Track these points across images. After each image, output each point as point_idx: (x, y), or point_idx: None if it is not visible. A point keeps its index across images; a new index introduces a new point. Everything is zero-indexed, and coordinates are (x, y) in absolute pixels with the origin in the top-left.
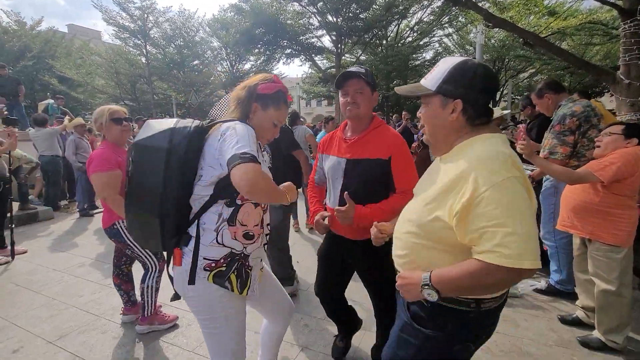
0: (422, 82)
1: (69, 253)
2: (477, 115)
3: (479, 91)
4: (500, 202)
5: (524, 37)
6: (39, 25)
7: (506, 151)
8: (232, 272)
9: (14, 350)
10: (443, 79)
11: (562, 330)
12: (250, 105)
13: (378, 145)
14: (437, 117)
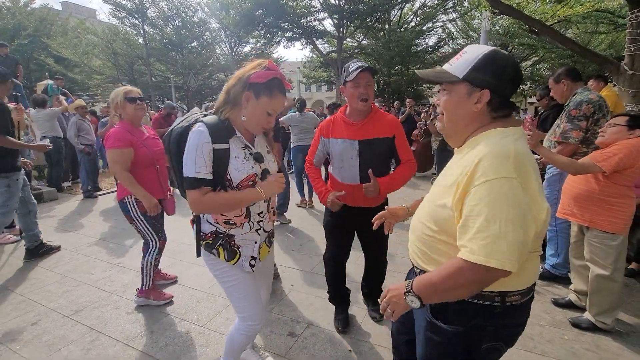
0: (446, 67)
1: (76, 233)
2: (500, 107)
3: (507, 82)
4: (484, 198)
5: (530, 25)
6: (33, 3)
7: (511, 149)
8: (219, 245)
9: (32, 323)
10: (473, 66)
11: (555, 312)
12: (241, 95)
13: (383, 126)
14: (460, 105)
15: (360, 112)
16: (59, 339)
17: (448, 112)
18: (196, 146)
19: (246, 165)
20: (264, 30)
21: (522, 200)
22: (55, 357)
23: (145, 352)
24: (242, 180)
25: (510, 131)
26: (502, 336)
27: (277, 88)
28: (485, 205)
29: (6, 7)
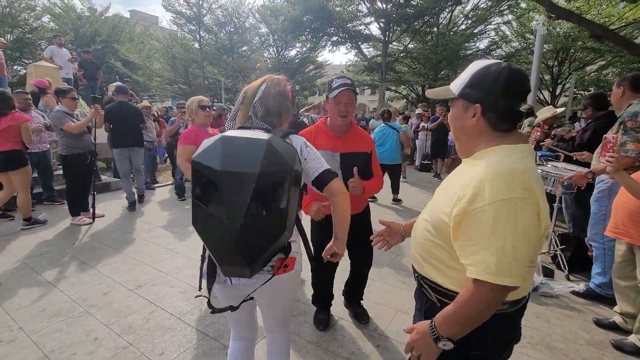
0: (450, 85)
1: (138, 220)
2: (499, 120)
3: (498, 96)
4: (492, 219)
5: (590, 30)
6: (107, 12)
7: (518, 168)
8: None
9: (104, 292)
10: (466, 83)
11: (596, 332)
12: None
13: (363, 141)
14: (459, 120)
15: (340, 127)
16: (125, 308)
17: (452, 125)
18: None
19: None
20: (310, 35)
21: (529, 219)
22: (122, 322)
23: (195, 327)
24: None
25: (517, 149)
26: (491, 344)
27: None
28: (494, 225)
29: (85, 16)
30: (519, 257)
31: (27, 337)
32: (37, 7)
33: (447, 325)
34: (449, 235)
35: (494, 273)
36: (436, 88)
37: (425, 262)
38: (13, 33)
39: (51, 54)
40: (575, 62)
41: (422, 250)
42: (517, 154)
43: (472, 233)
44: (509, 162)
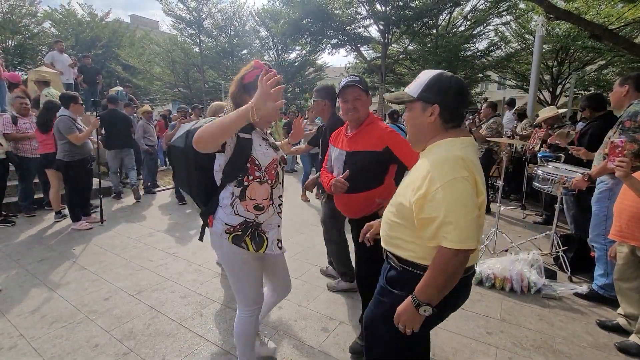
0: (406, 90)
1: (139, 224)
2: (450, 118)
3: (452, 98)
4: (446, 198)
5: (590, 30)
6: (107, 17)
7: (459, 154)
8: (247, 235)
9: (105, 298)
10: (423, 87)
11: (600, 334)
12: (241, 98)
13: (370, 140)
14: (417, 119)
15: (353, 124)
16: (125, 314)
17: (410, 124)
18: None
19: (269, 151)
20: (310, 37)
21: (472, 193)
22: (123, 328)
23: (196, 332)
24: (269, 164)
25: (458, 141)
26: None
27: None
28: (450, 203)
29: (86, 21)
30: (471, 225)
31: (28, 344)
32: (38, 13)
33: (425, 292)
34: (408, 217)
35: (457, 241)
36: (394, 92)
37: (391, 241)
38: (14, 39)
39: (52, 60)
40: (575, 62)
41: (388, 231)
42: (457, 145)
43: (432, 212)
44: (451, 151)
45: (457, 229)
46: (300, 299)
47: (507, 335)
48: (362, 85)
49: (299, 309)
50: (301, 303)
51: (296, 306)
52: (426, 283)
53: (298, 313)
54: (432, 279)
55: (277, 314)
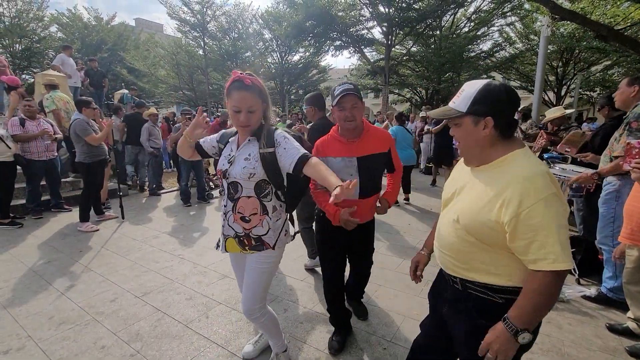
0: (451, 105)
1: (144, 226)
2: (506, 128)
3: (505, 107)
4: (545, 215)
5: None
6: (113, 20)
7: (544, 168)
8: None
9: (111, 300)
10: (472, 101)
11: (609, 337)
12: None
13: (379, 142)
14: (471, 134)
15: (350, 131)
16: (132, 315)
17: (462, 141)
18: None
19: (222, 161)
20: (313, 39)
21: (565, 208)
22: (129, 330)
23: (202, 334)
24: (217, 172)
25: (528, 151)
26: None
27: (234, 88)
28: (548, 220)
29: (92, 25)
30: (568, 243)
31: (36, 345)
32: (45, 17)
33: (523, 317)
34: (496, 239)
35: (561, 261)
36: (437, 109)
37: (469, 267)
38: (21, 42)
39: (61, 62)
40: (580, 62)
41: (461, 256)
42: (532, 157)
43: (529, 230)
44: (534, 164)
45: (559, 249)
46: (305, 301)
47: None
48: (357, 92)
49: (304, 311)
50: (306, 305)
51: (301, 308)
52: (525, 308)
53: (303, 315)
54: (532, 302)
55: (283, 316)
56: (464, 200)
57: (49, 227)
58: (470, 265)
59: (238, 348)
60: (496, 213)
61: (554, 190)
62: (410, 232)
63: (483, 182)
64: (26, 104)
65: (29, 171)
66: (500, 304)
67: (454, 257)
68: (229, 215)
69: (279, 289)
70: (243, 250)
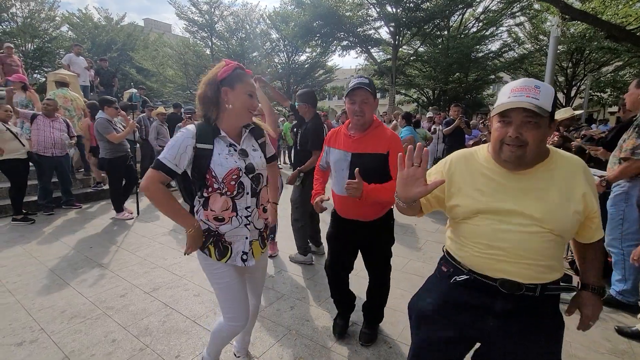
0: (534, 102)
1: (152, 223)
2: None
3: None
4: (596, 196)
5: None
6: (122, 21)
7: (581, 160)
8: (210, 243)
9: (121, 295)
10: (552, 102)
11: (618, 340)
12: (219, 94)
13: (377, 142)
14: (545, 136)
15: (357, 126)
16: (141, 310)
17: (537, 141)
18: (177, 140)
19: (229, 160)
20: (321, 40)
21: None
22: (139, 324)
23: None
24: (226, 175)
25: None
26: None
27: (243, 74)
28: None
29: (102, 25)
30: None
31: (49, 338)
32: (56, 17)
33: (599, 277)
34: (575, 229)
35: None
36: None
37: (551, 268)
38: (33, 42)
39: (69, 61)
40: (590, 63)
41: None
42: (565, 152)
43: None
44: (574, 158)
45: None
46: (311, 299)
47: None
48: (371, 88)
49: (310, 309)
50: (313, 303)
51: (308, 306)
52: (598, 270)
53: (310, 313)
54: (599, 264)
55: (289, 314)
56: (534, 203)
57: (60, 223)
58: (552, 266)
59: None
60: (576, 204)
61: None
62: (416, 232)
63: (549, 181)
64: (46, 102)
65: (39, 168)
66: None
67: (536, 264)
68: (254, 213)
69: (285, 287)
70: (263, 248)
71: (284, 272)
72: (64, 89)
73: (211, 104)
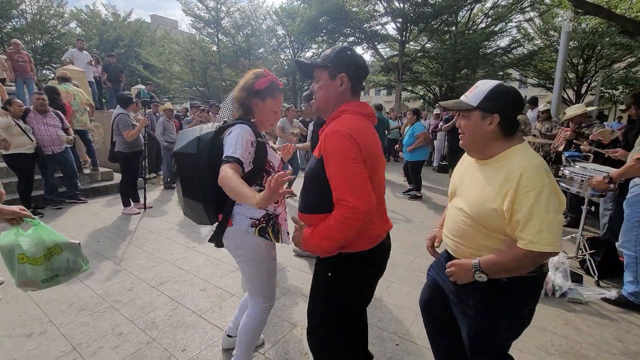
0: (463, 99)
1: (159, 218)
2: (509, 126)
3: (511, 108)
4: (539, 202)
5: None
6: (129, 17)
7: (541, 162)
8: (269, 227)
9: (128, 289)
10: (484, 97)
11: (630, 341)
12: (250, 102)
13: (321, 141)
14: (476, 127)
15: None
16: (148, 304)
17: (468, 132)
18: (237, 137)
19: (276, 154)
20: (327, 35)
21: (556, 199)
22: (146, 318)
23: (216, 324)
24: (278, 165)
25: (527, 146)
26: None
27: (277, 89)
28: (536, 208)
29: (109, 22)
30: (559, 230)
31: (57, 330)
32: (65, 14)
33: (490, 268)
34: (497, 225)
35: (546, 244)
36: (451, 100)
37: (476, 251)
38: (42, 39)
39: (71, 56)
40: (602, 59)
41: (469, 242)
42: (530, 151)
43: (524, 217)
44: (532, 157)
45: (548, 234)
46: None
47: (530, 339)
48: (325, 61)
49: None
50: None
51: None
52: (498, 265)
53: None
54: (506, 265)
55: (295, 309)
56: (469, 192)
57: (68, 217)
58: (477, 249)
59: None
60: (499, 203)
61: (546, 183)
62: (423, 230)
63: (486, 176)
64: (39, 97)
65: (42, 164)
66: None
67: (463, 244)
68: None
69: (290, 282)
70: None
71: (289, 267)
72: (66, 84)
73: (246, 107)
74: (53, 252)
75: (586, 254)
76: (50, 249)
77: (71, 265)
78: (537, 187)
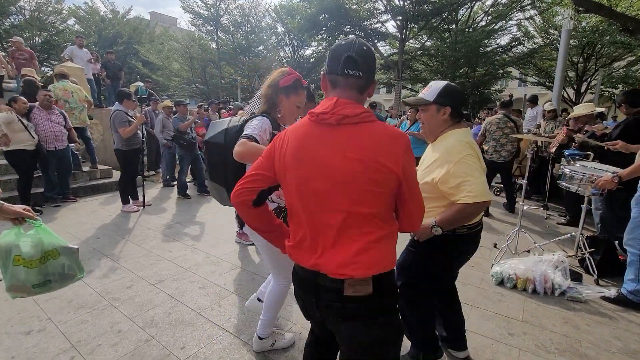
0: (421, 95)
1: (158, 216)
2: (456, 116)
3: (458, 101)
4: (464, 167)
5: (622, 23)
6: (128, 14)
7: (466, 139)
8: (281, 218)
9: (127, 286)
10: (438, 94)
11: (630, 340)
12: (276, 98)
13: None
14: (433, 117)
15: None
16: (147, 302)
17: (426, 122)
18: (259, 124)
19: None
20: (326, 33)
21: (478, 163)
22: (144, 316)
23: (214, 322)
24: None
25: (462, 131)
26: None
27: (300, 87)
28: (467, 171)
29: (108, 19)
30: (485, 186)
31: (56, 328)
32: (63, 11)
33: (443, 222)
34: (435, 193)
35: (480, 196)
36: (412, 97)
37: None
38: (41, 35)
39: (71, 54)
40: (602, 58)
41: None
42: (462, 134)
43: (454, 180)
44: (462, 135)
45: (475, 187)
46: None
47: (530, 337)
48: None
49: None
50: None
51: None
52: (447, 219)
53: None
54: (452, 217)
55: (296, 307)
56: (420, 168)
57: (67, 215)
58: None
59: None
60: (433, 175)
61: (470, 152)
62: None
63: (429, 153)
64: (45, 93)
65: (44, 161)
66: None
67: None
68: None
69: None
70: None
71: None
72: (63, 81)
73: (271, 103)
74: (50, 255)
75: (586, 253)
76: (47, 252)
77: (66, 271)
78: (462, 155)
